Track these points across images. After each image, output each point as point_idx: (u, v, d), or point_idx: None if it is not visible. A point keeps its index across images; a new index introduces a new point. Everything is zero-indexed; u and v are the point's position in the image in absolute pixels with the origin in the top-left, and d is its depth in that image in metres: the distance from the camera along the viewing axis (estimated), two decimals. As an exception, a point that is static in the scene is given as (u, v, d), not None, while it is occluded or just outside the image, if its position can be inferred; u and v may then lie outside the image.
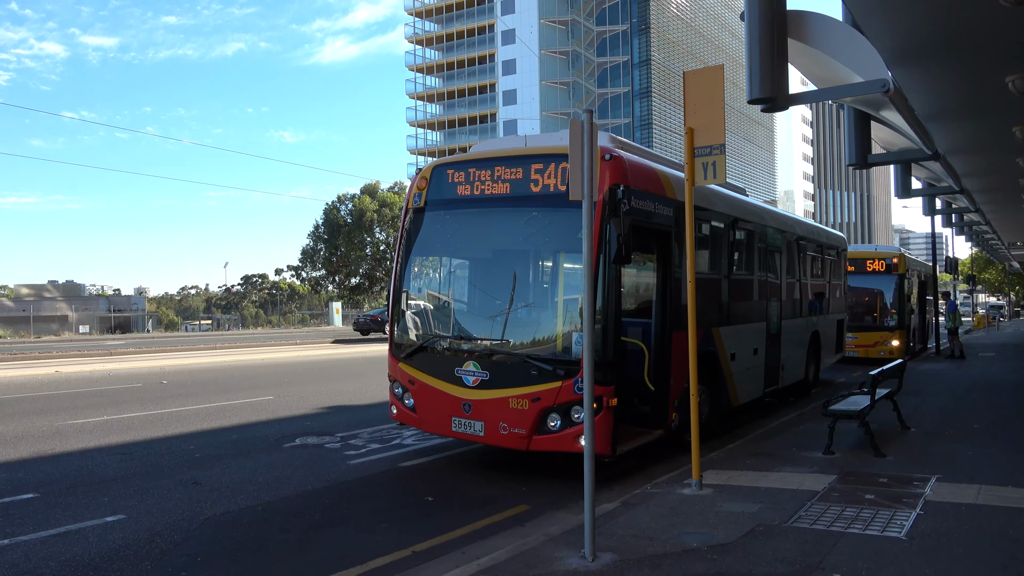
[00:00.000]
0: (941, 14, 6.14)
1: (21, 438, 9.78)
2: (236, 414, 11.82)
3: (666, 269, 8.17)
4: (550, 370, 7.13)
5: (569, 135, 5.38)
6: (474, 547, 5.61)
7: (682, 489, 6.80)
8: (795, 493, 6.68)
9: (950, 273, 33.30)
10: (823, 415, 8.71)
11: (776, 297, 11.97)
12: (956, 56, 7.13)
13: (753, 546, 5.30)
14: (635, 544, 5.36)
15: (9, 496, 6.99)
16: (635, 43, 72.32)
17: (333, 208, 62.58)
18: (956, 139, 10.67)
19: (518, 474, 7.89)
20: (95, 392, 14.71)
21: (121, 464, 8.34)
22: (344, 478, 7.75)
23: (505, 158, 8.01)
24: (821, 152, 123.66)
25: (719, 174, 6.86)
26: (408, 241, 8.58)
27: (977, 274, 60.67)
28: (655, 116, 71.50)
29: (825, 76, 7.70)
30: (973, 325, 46.93)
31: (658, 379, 7.93)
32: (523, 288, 7.98)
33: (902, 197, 14.24)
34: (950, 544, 5.29)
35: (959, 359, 21.21)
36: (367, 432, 10.17)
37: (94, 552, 5.52)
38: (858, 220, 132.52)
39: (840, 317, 16.19)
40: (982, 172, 13.42)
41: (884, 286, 20.18)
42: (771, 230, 11.92)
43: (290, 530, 6.08)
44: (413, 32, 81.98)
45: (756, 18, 6.36)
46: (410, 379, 8.11)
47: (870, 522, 5.80)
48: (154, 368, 19.78)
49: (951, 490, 6.71)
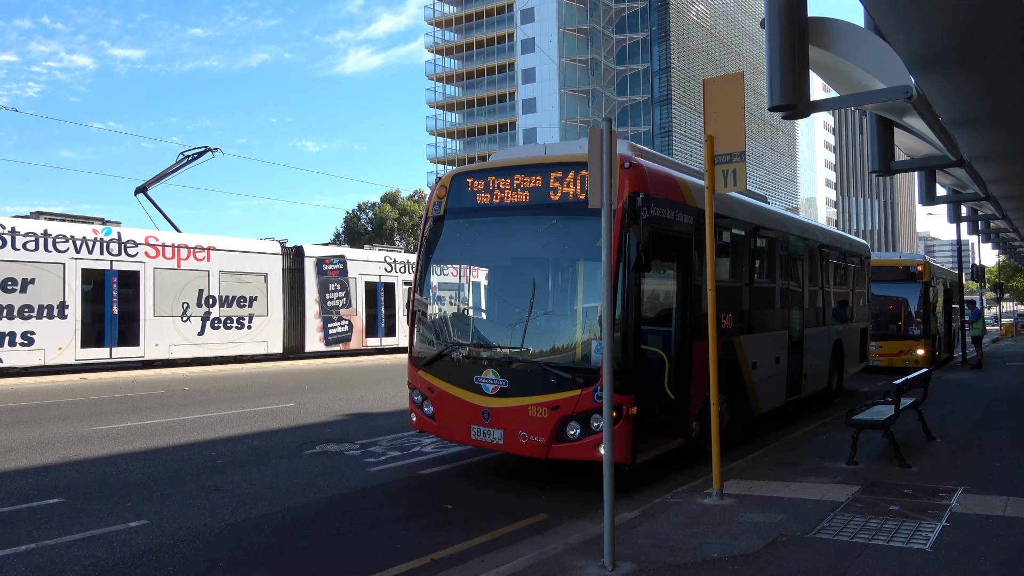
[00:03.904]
0: (965, 20, 6.07)
1: (47, 444, 9.93)
2: (257, 421, 11.91)
3: (686, 277, 8.13)
4: (569, 378, 7.11)
5: (588, 143, 5.39)
6: (493, 555, 5.60)
7: (703, 499, 6.74)
8: (818, 503, 6.60)
9: (977, 281, 32.83)
10: (846, 425, 8.60)
11: (798, 305, 11.86)
12: (981, 62, 7.04)
13: (775, 557, 5.24)
14: (655, 554, 5.32)
15: (36, 501, 7.10)
16: (655, 51, 72.26)
17: (354, 216, 63.08)
18: (982, 145, 10.52)
19: (537, 483, 7.87)
20: (119, 398, 14.90)
21: (144, 470, 8.43)
22: (364, 485, 7.78)
23: (524, 166, 8.03)
24: (844, 159, 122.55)
25: (739, 182, 6.83)
26: (428, 249, 8.62)
27: (1005, 282, 59.71)
28: (675, 124, 71.30)
29: (847, 83, 7.64)
30: (1000, 334, 46.09)
31: (678, 388, 7.88)
32: (542, 296, 7.98)
33: (926, 204, 14.05)
34: (977, 557, 5.20)
35: (976, 368, 20.84)
36: (387, 440, 10.20)
37: (118, 557, 5.58)
38: (882, 227, 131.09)
39: (864, 325, 16.00)
40: (1009, 179, 13.21)
41: (908, 294, 19.93)
42: (793, 238, 11.82)
43: (310, 537, 6.11)
44: (433, 42, 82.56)
45: (777, 25, 6.33)
46: (430, 387, 8.13)
47: (895, 533, 5.71)
48: (177, 375, 19.99)
49: (978, 502, 6.59)
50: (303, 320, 24.63)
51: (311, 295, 24.85)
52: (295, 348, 24.56)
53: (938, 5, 5.83)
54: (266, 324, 23.44)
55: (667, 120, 71.67)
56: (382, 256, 27.97)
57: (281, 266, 24.08)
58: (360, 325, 26.67)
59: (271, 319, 23.61)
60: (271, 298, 23.61)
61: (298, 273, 24.73)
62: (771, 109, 6.63)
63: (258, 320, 23.16)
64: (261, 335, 23.19)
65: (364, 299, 26.79)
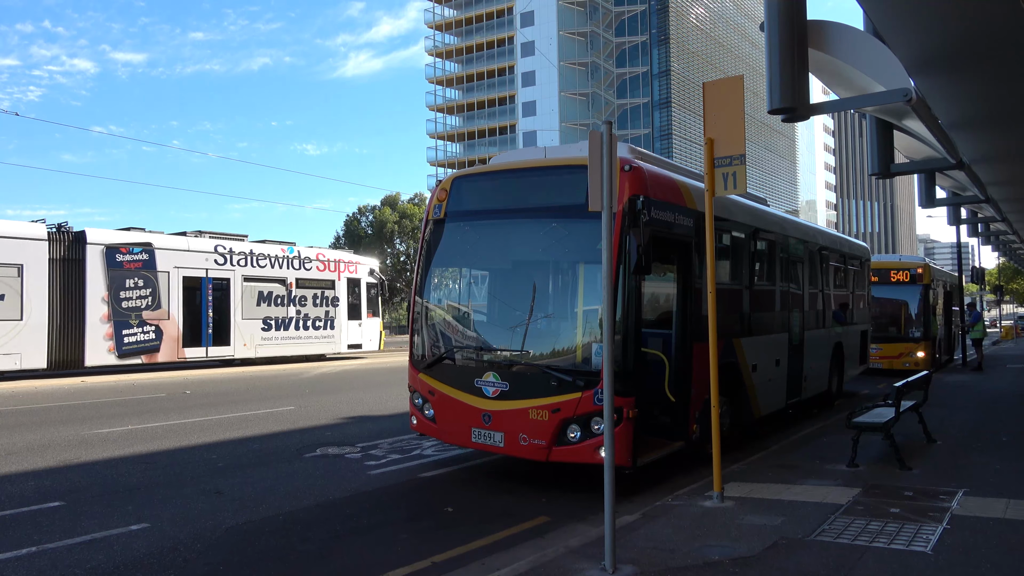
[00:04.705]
0: (964, 23, 6.08)
1: (48, 447, 9.93)
2: (258, 424, 11.91)
3: (686, 280, 8.14)
4: (570, 381, 7.12)
5: (588, 146, 5.40)
6: (494, 558, 5.60)
7: (703, 501, 6.74)
8: (818, 506, 6.60)
9: (977, 283, 32.83)
10: (847, 427, 8.60)
11: (798, 308, 11.87)
12: (981, 65, 7.05)
13: (776, 560, 5.24)
14: (656, 556, 5.33)
15: (37, 504, 7.10)
16: (654, 54, 72.34)
17: (354, 220, 63.12)
18: (981, 148, 10.53)
19: (538, 485, 7.87)
20: (120, 402, 14.90)
21: (145, 473, 8.44)
22: (364, 488, 7.78)
23: (525, 169, 8.04)
24: (843, 161, 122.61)
25: (739, 184, 6.84)
26: (428, 252, 8.63)
27: (1005, 284, 59.72)
28: (675, 126, 71.37)
29: (846, 85, 7.65)
30: (1001, 336, 46.08)
31: (679, 390, 7.89)
32: (543, 299, 7.98)
33: (926, 207, 14.04)
34: (978, 559, 5.20)
35: (976, 371, 20.84)
36: (387, 443, 10.20)
37: (119, 560, 5.58)
38: (881, 230, 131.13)
39: (864, 328, 16.00)
40: (1008, 181, 13.22)
41: (908, 297, 19.94)
42: (793, 240, 11.83)
43: (311, 540, 6.12)
44: (433, 45, 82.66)
45: (776, 28, 6.34)
46: (430, 390, 8.14)
47: (895, 536, 5.71)
48: (177, 378, 19.99)
49: (979, 504, 6.60)
50: (82, 326, 20.03)
51: (96, 293, 20.27)
52: (68, 362, 19.99)
53: (937, 8, 5.84)
54: (19, 332, 18.82)
55: (667, 123, 71.75)
56: (212, 245, 23.22)
57: (48, 256, 19.51)
58: (174, 332, 21.97)
59: (27, 325, 18.97)
60: (28, 298, 18.99)
61: (76, 265, 20.09)
62: (771, 112, 6.64)
63: (5, 327, 18.62)
64: (9, 346, 18.66)
65: (181, 299, 22.16)
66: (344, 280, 27.32)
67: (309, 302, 26.02)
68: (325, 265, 26.79)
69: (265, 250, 24.70)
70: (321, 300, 26.48)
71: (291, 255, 25.45)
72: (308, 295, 25.99)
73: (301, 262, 25.77)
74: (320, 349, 26.53)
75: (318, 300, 26.36)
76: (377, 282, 29.05)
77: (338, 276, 27.13)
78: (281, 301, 25.11)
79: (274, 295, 24.93)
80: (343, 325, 27.30)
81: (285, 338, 25.27)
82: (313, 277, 26.21)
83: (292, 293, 25.40)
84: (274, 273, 24.85)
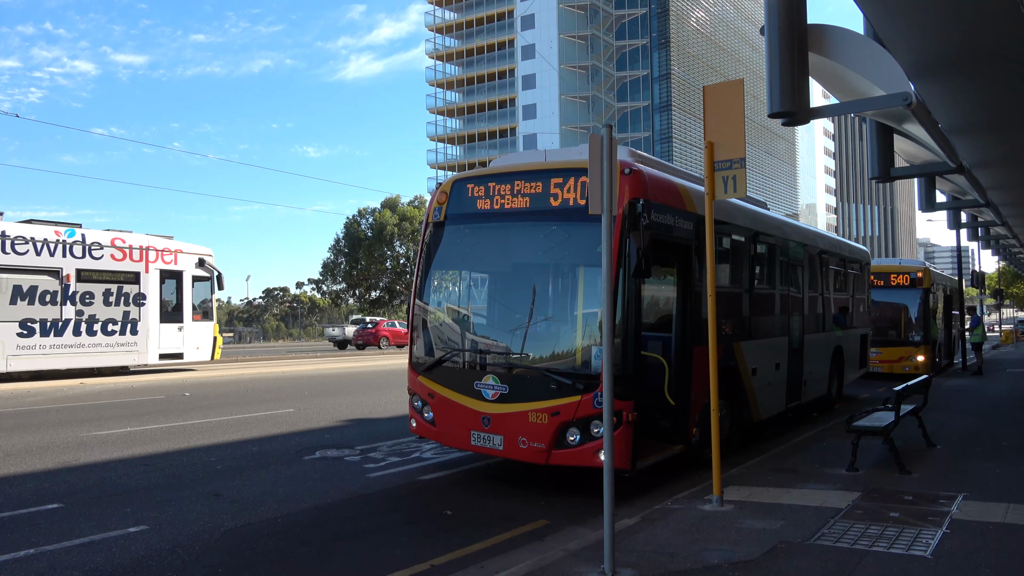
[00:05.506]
0: (965, 27, 6.09)
1: (46, 449, 9.92)
2: (257, 426, 11.90)
3: (686, 283, 8.14)
4: (569, 384, 7.11)
5: (589, 149, 5.40)
6: (493, 562, 5.59)
7: (703, 505, 6.73)
8: (818, 510, 6.59)
9: (977, 287, 32.81)
10: (846, 431, 8.59)
11: (798, 311, 11.86)
12: (981, 69, 7.06)
13: (775, 564, 5.23)
14: (655, 560, 5.32)
15: (34, 506, 7.09)
16: (655, 57, 72.45)
17: (354, 222, 63.14)
18: (981, 152, 10.54)
19: (537, 489, 7.86)
20: (118, 404, 14.89)
21: (143, 475, 8.42)
22: (363, 491, 7.77)
23: (525, 172, 8.04)
24: (843, 165, 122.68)
25: (739, 188, 6.84)
26: (428, 255, 8.62)
27: (1005, 288, 59.73)
28: (675, 130, 71.45)
29: (847, 89, 7.66)
30: (1001, 340, 46.07)
31: (678, 394, 7.88)
32: (542, 302, 7.98)
33: (926, 211, 14.08)
34: (977, 564, 5.19)
35: (976, 375, 20.83)
36: (387, 445, 10.19)
37: (116, 563, 5.57)
38: (882, 234, 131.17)
39: (864, 332, 16.00)
40: (1008, 185, 13.23)
41: (909, 300, 19.92)
42: (793, 244, 11.83)
43: (310, 543, 6.10)
44: (434, 48, 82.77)
45: (776, 32, 6.35)
46: (429, 392, 8.13)
47: (895, 540, 5.70)
48: (176, 380, 19.97)
49: (978, 508, 6.59)
50: None
51: None
52: None
53: (937, 13, 5.85)
54: None
55: (667, 126, 71.82)
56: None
57: None
58: None
59: None
60: None
61: None
62: (771, 116, 6.65)
63: None
64: None
65: None
66: (155, 272, 21.59)
67: (97, 300, 20.35)
68: (124, 253, 20.98)
69: (26, 231, 19.32)
70: (117, 298, 20.73)
71: (70, 239, 19.91)
72: (96, 291, 20.34)
73: (86, 248, 20.18)
74: (114, 360, 20.86)
75: (112, 298, 20.61)
76: (209, 275, 23.23)
77: (145, 267, 21.37)
78: (51, 299, 19.48)
79: (39, 291, 19.32)
80: (151, 330, 21.47)
81: (56, 347, 19.61)
82: (104, 268, 20.53)
83: (70, 288, 19.79)
84: (40, 262, 19.32)
